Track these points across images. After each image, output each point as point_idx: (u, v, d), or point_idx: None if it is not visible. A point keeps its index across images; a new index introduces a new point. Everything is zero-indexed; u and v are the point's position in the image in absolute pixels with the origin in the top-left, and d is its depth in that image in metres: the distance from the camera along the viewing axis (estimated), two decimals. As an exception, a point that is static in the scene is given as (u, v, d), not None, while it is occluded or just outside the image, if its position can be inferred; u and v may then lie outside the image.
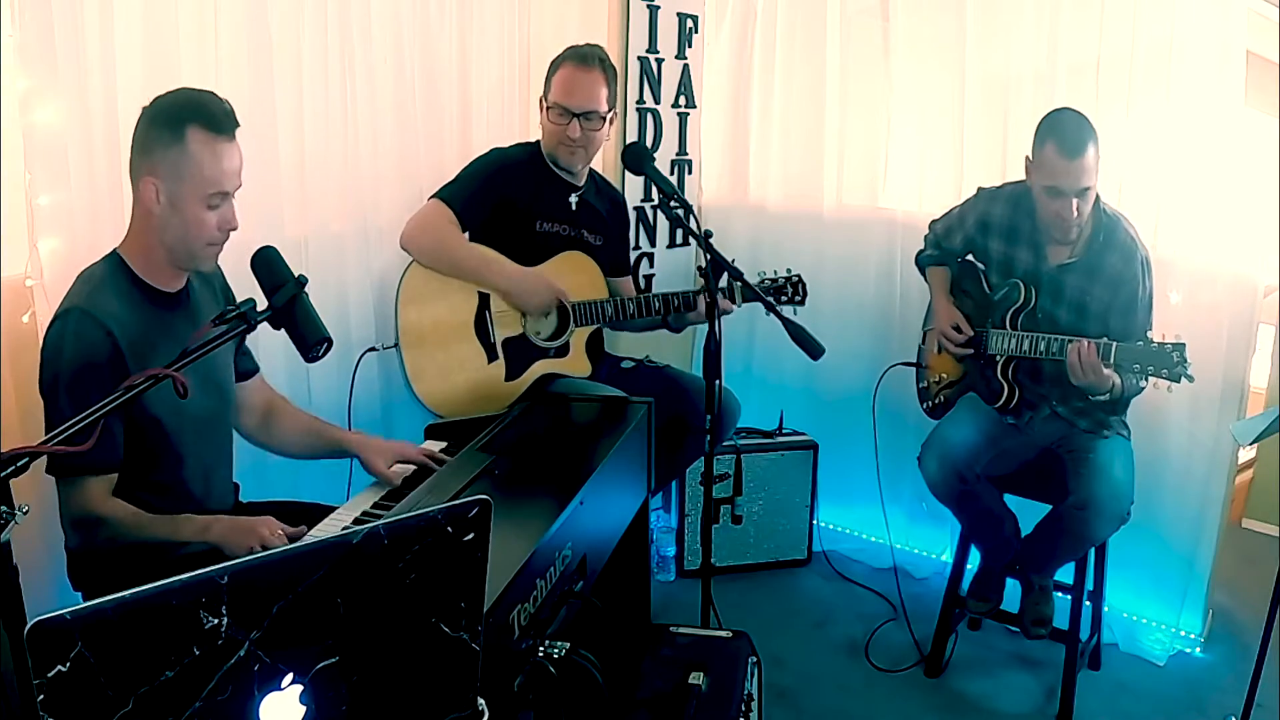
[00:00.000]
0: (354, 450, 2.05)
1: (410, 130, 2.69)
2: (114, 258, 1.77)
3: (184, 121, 1.67)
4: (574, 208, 2.69)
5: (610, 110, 2.62)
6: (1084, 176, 2.41)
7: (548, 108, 2.60)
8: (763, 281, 2.69)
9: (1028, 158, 2.52)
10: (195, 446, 1.85)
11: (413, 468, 2.06)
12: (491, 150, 2.66)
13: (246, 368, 2.06)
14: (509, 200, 2.57)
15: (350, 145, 2.52)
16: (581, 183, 2.71)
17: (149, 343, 1.73)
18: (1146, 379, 2.35)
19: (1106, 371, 2.38)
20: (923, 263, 2.92)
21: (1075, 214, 2.45)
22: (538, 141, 2.68)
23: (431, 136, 2.76)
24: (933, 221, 2.90)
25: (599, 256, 2.69)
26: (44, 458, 1.65)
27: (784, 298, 2.69)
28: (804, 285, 2.73)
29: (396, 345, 2.48)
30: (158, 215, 1.71)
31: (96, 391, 1.61)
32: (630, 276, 2.93)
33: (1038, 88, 3.03)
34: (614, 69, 2.65)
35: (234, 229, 1.77)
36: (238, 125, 1.73)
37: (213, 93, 1.73)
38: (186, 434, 1.82)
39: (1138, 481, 2.55)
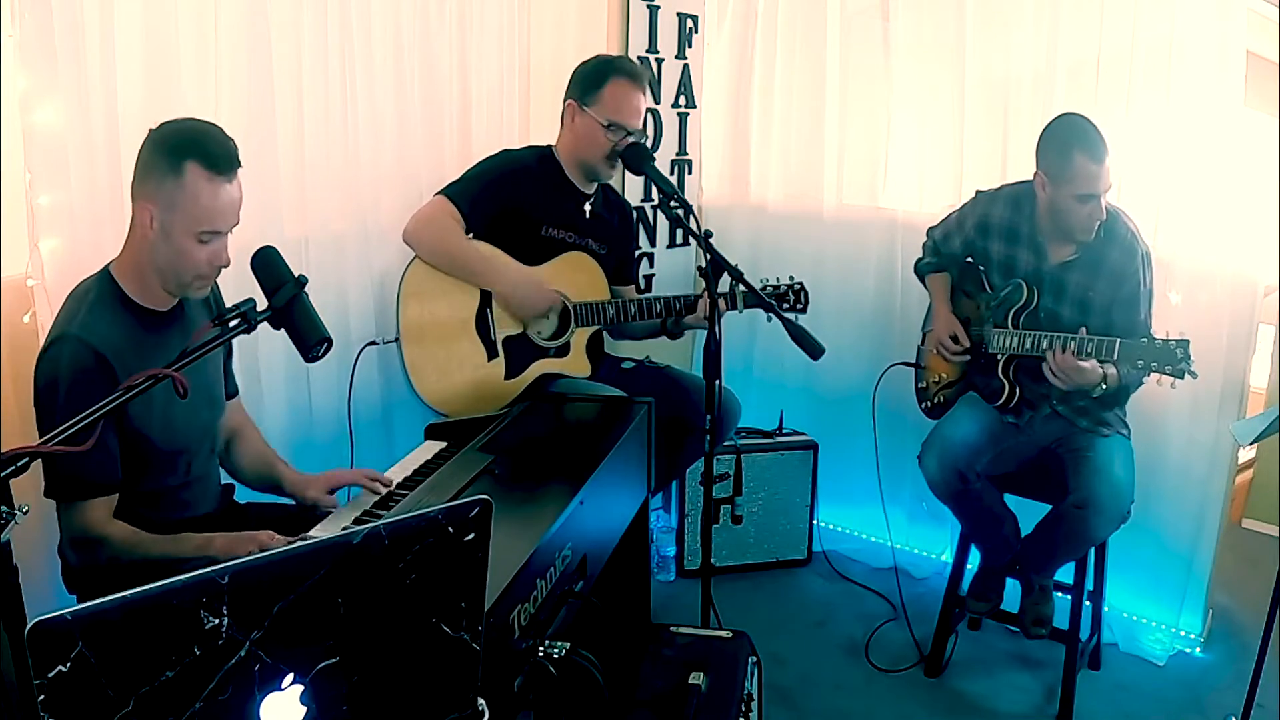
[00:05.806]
0: (288, 489, 2.01)
1: (410, 130, 2.68)
2: (105, 277, 1.76)
3: (184, 156, 1.66)
4: (588, 216, 2.68)
5: None
6: (1109, 175, 2.45)
7: (605, 124, 2.54)
8: (765, 288, 2.66)
9: (1042, 173, 2.51)
10: (188, 455, 1.85)
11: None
12: (501, 152, 2.64)
13: (229, 389, 2.05)
14: (516, 205, 2.55)
15: (350, 145, 2.52)
16: (591, 192, 2.70)
17: (144, 367, 1.71)
18: (1149, 374, 2.36)
19: (1088, 365, 2.40)
20: (922, 271, 2.92)
21: (1102, 212, 2.48)
22: (549, 146, 2.67)
23: (431, 137, 2.75)
24: (930, 228, 2.90)
25: (604, 265, 2.68)
26: (43, 479, 1.65)
27: (785, 305, 2.66)
28: (806, 294, 2.70)
29: (397, 340, 2.48)
30: (150, 241, 1.71)
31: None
32: (634, 285, 2.92)
33: (1037, 88, 3.03)
34: None
35: (225, 265, 1.76)
36: (239, 165, 1.71)
37: (219, 128, 1.72)
38: (179, 442, 1.82)
39: (1138, 481, 2.55)
